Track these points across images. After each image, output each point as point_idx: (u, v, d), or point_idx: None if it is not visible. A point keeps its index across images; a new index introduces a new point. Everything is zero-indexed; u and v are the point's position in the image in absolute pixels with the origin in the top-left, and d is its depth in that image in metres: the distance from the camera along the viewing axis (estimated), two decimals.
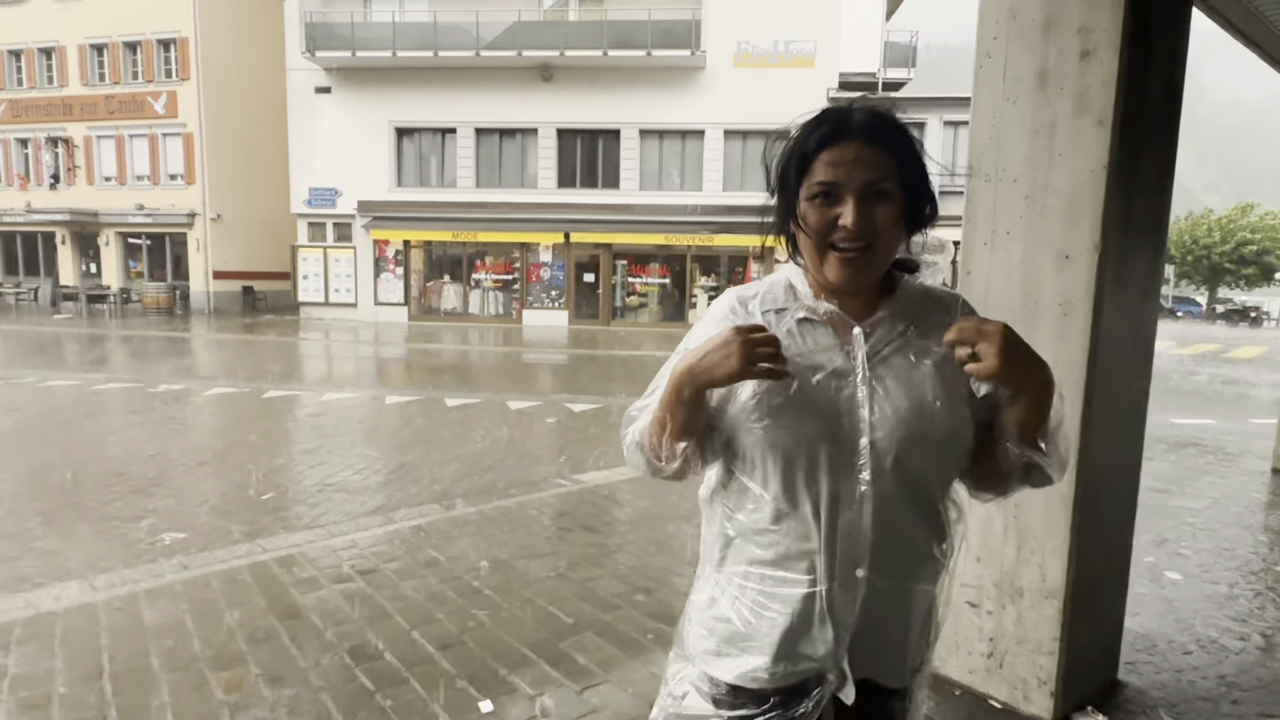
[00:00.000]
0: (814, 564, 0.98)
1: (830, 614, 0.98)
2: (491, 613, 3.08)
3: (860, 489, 0.95)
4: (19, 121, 23.93)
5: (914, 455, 0.96)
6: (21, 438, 6.44)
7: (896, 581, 0.99)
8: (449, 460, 5.83)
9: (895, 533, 0.97)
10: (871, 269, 0.97)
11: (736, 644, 1.04)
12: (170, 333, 16.62)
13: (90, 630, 2.89)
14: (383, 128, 20.59)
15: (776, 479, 0.98)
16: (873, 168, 0.93)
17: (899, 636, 1.03)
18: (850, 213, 0.93)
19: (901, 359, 0.99)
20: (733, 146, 19.85)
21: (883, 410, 0.96)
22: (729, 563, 1.06)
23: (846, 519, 0.96)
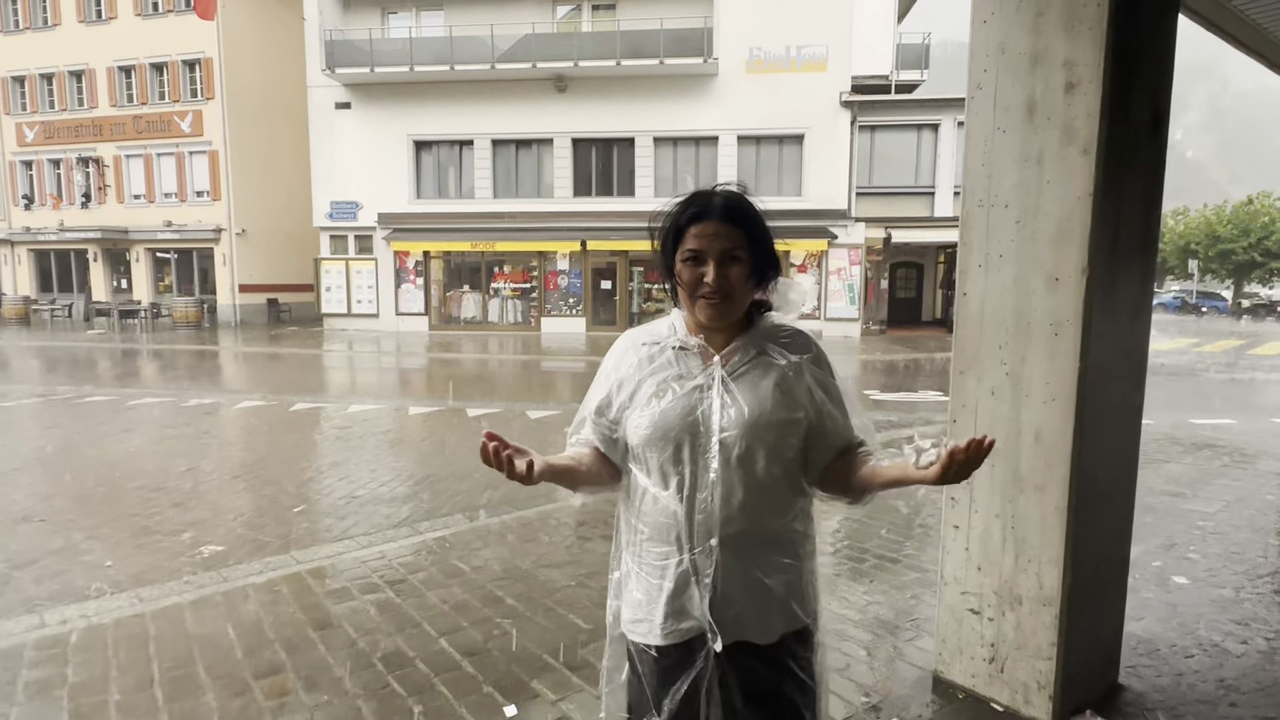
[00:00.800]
0: (680, 537, 1.27)
1: (695, 576, 1.26)
2: (515, 621, 3.23)
3: (711, 475, 1.25)
4: (51, 143, 24.67)
5: (753, 448, 1.25)
6: (63, 453, 6.72)
7: (745, 551, 1.27)
8: (471, 471, 6.00)
9: (741, 510, 1.25)
10: (730, 312, 1.29)
11: (641, 610, 1.33)
12: (199, 346, 17.05)
13: (139, 640, 3.08)
14: (401, 141, 20.95)
15: (655, 467, 1.29)
16: (728, 239, 1.26)
17: (758, 598, 1.28)
18: (711, 273, 1.25)
19: (751, 376, 1.29)
20: (746, 152, 19.95)
21: (729, 415, 1.25)
22: (628, 543, 1.37)
23: (701, 499, 1.25)
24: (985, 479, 2.55)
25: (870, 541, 4.25)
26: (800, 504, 1.35)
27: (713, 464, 1.25)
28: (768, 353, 1.31)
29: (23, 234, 25.14)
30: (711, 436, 1.25)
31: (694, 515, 1.26)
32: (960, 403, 2.62)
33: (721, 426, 1.25)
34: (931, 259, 23.53)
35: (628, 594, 1.37)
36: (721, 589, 1.26)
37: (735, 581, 1.27)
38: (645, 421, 1.28)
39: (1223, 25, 3.34)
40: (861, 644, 3.01)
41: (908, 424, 8.01)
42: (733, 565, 1.26)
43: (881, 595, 3.50)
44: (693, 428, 1.26)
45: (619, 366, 1.37)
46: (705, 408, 1.27)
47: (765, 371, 1.29)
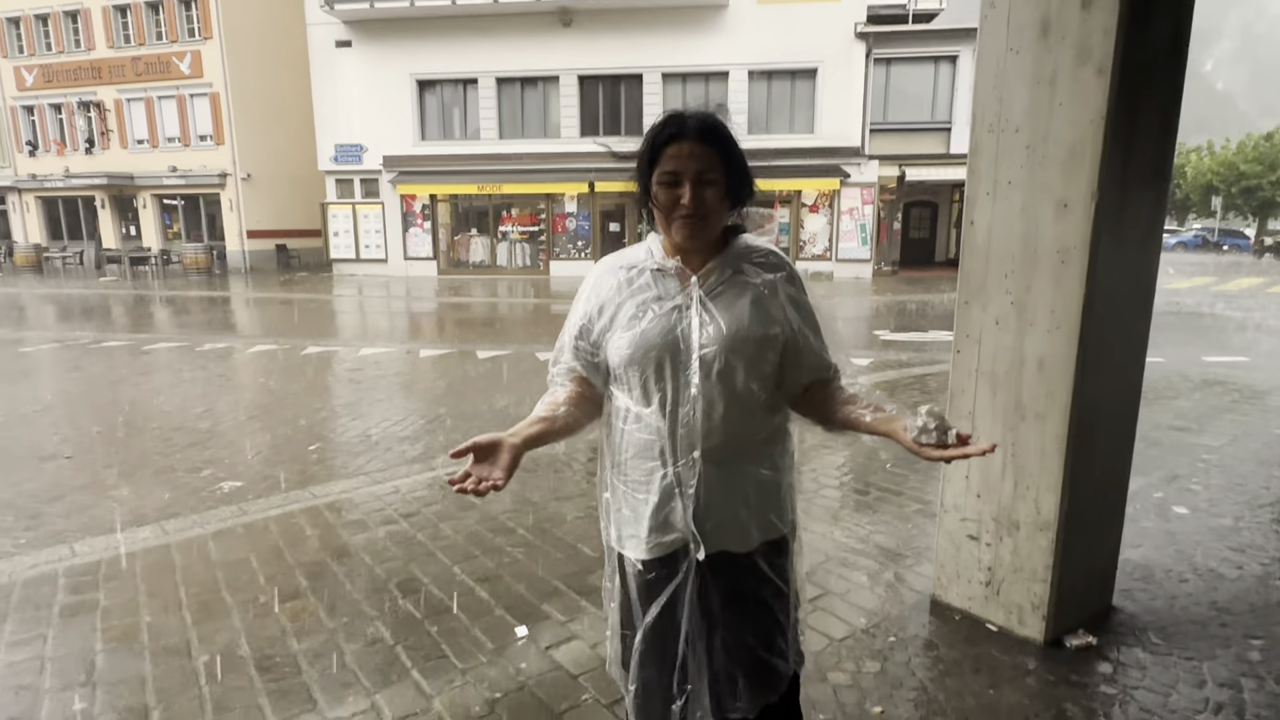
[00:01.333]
0: (664, 451, 1.32)
1: (679, 489, 1.31)
2: (526, 550, 3.34)
3: (692, 391, 1.29)
4: (51, 87, 24.33)
5: (731, 363, 1.28)
6: (84, 396, 6.86)
7: (726, 463, 1.32)
8: (482, 410, 6.09)
9: (722, 423, 1.29)
10: (705, 232, 1.31)
11: (629, 527, 1.39)
12: (210, 292, 17.14)
13: (166, 567, 3.21)
14: (404, 81, 20.50)
15: (637, 386, 1.33)
16: (703, 161, 1.27)
17: (738, 507, 1.34)
18: (687, 194, 1.27)
19: (728, 295, 1.32)
20: (757, 88, 19.40)
21: (708, 332, 1.29)
22: (614, 464, 1.42)
23: (683, 414, 1.30)
24: (987, 408, 2.57)
25: (875, 475, 4.32)
26: (778, 418, 1.39)
27: (693, 380, 1.29)
28: (743, 272, 1.34)
29: (29, 181, 25.08)
30: (691, 353, 1.29)
31: (676, 430, 1.30)
32: (965, 333, 2.62)
33: (701, 343, 1.29)
34: (946, 198, 23.07)
35: (615, 513, 1.43)
36: (704, 500, 1.32)
37: (716, 493, 1.32)
38: (626, 342, 1.32)
39: None
40: (863, 570, 3.09)
41: (916, 364, 8.01)
42: (714, 477, 1.31)
43: (884, 525, 3.57)
44: (673, 346, 1.29)
45: (598, 290, 1.39)
46: (684, 326, 1.30)
47: (741, 290, 1.32)
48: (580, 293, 1.44)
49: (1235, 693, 2.24)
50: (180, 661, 2.49)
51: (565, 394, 1.43)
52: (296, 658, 2.50)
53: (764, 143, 19.06)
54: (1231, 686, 2.28)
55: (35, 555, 3.37)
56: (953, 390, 2.69)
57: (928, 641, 2.56)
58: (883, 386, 6.75)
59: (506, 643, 2.58)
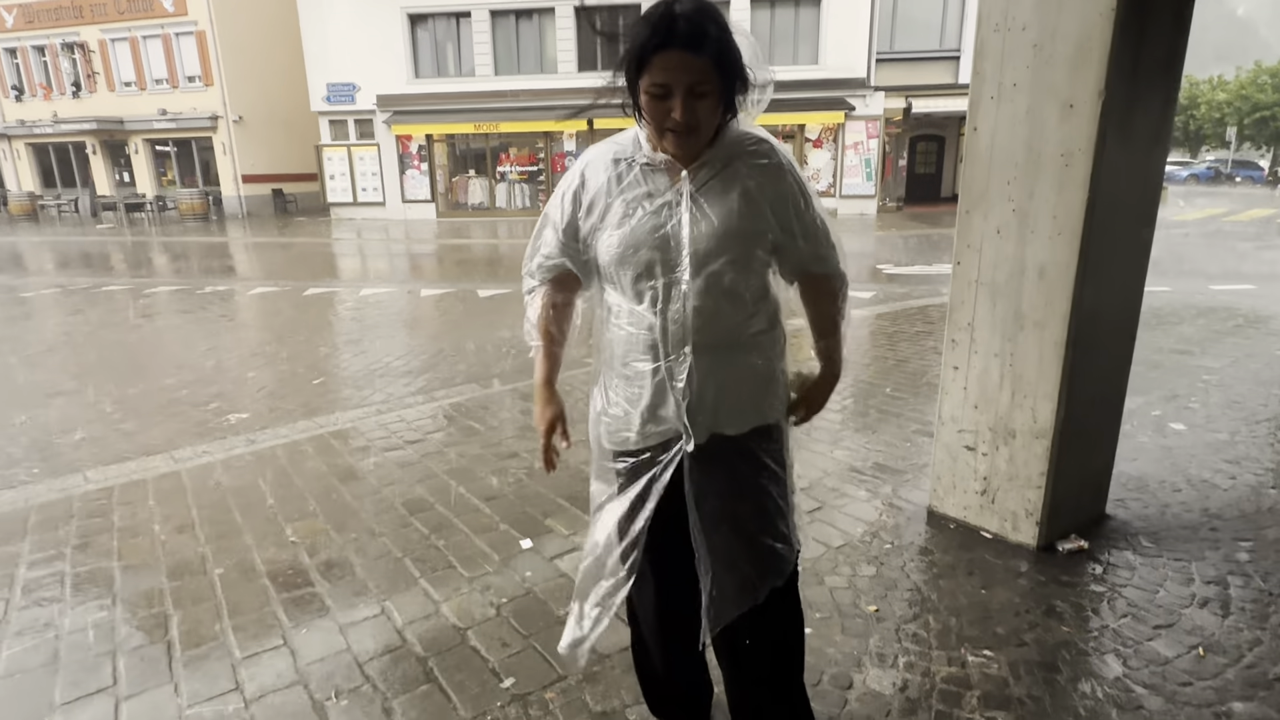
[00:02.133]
0: (655, 345, 1.34)
1: (670, 381, 1.34)
2: (528, 471, 3.39)
3: (682, 287, 1.29)
4: (32, 28, 23.65)
5: (721, 260, 1.29)
6: (87, 337, 6.89)
7: (718, 355, 1.34)
8: (484, 346, 6.10)
9: (710, 316, 1.31)
10: (697, 143, 1.27)
11: (620, 422, 1.42)
12: (208, 238, 17.01)
13: (177, 492, 3.28)
14: (395, 15, 19.85)
15: (628, 284, 1.34)
16: (694, 71, 1.18)
17: (730, 396, 1.37)
18: (678, 108, 1.20)
19: (718, 189, 1.30)
20: (760, 15, 18.74)
21: (698, 228, 1.28)
22: (606, 362, 1.45)
23: (674, 309, 1.31)
24: (986, 318, 2.56)
25: (875, 399, 4.34)
26: (768, 308, 1.40)
27: (684, 276, 1.29)
28: (734, 164, 1.31)
29: (18, 127, 24.63)
30: (682, 250, 1.28)
31: (668, 326, 1.31)
32: (965, 243, 2.60)
33: (691, 240, 1.28)
34: (954, 131, 22.51)
35: (608, 411, 1.45)
36: (696, 391, 1.34)
37: (709, 384, 1.34)
38: (616, 241, 1.32)
39: None
40: (862, 486, 3.14)
41: (919, 296, 7.97)
42: (706, 369, 1.33)
43: (884, 445, 3.61)
44: (663, 243, 1.29)
45: (587, 187, 1.36)
46: (675, 223, 1.29)
47: (731, 183, 1.30)
48: (564, 186, 1.41)
49: (1222, 589, 2.30)
50: (196, 575, 2.56)
51: (548, 310, 1.50)
52: (308, 571, 2.57)
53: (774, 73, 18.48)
54: (1218, 584, 2.33)
55: (50, 483, 3.44)
56: (951, 303, 2.68)
57: (923, 548, 2.62)
58: (884, 318, 6.73)
59: (511, 554, 2.65)
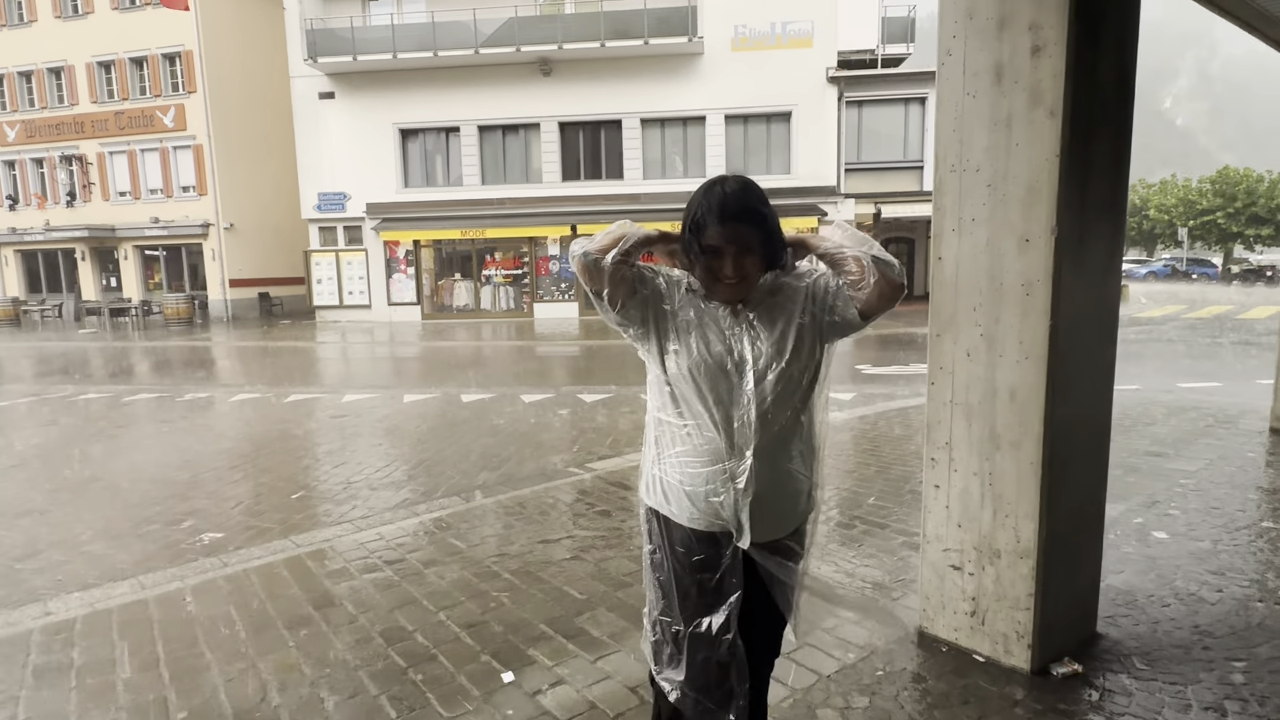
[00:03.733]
0: (719, 450, 1.52)
1: (731, 483, 1.52)
2: (511, 594, 3.30)
3: (745, 399, 1.50)
4: (33, 142, 24.44)
5: (779, 374, 1.51)
6: (61, 449, 6.75)
7: (772, 460, 1.54)
8: (467, 455, 6.06)
9: (770, 425, 1.51)
10: (745, 292, 1.56)
11: (677, 497, 1.58)
12: (192, 342, 17.02)
13: (144, 624, 3.14)
14: (387, 130, 20.82)
15: (694, 395, 1.53)
16: (742, 237, 1.50)
17: (781, 503, 1.58)
18: (729, 267, 1.51)
19: (771, 311, 1.56)
20: (734, 131, 19.89)
21: (758, 347, 1.53)
22: (666, 456, 1.60)
23: (738, 417, 1.51)
24: (964, 438, 2.62)
25: (859, 509, 4.33)
26: (810, 416, 1.62)
27: (747, 389, 1.50)
28: (779, 293, 1.57)
29: (9, 235, 24.99)
30: (745, 366, 1.51)
31: (732, 433, 1.51)
32: (938, 365, 2.68)
33: (754, 357, 1.51)
34: (922, 233, 23.53)
35: (663, 482, 1.61)
36: (756, 493, 1.52)
37: (765, 487, 1.53)
38: (684, 353, 1.54)
39: None
40: (850, 605, 3.09)
41: (897, 397, 8.09)
42: (763, 473, 1.52)
43: (870, 559, 3.58)
44: (724, 360, 1.52)
45: (669, 281, 1.62)
46: (737, 343, 1.53)
47: (778, 308, 1.56)
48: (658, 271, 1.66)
49: (1220, 716, 2.26)
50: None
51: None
52: (278, 712, 2.45)
53: None
54: (1216, 710, 2.29)
55: (7, 615, 3.29)
56: (929, 421, 2.74)
57: (915, 674, 2.55)
58: (865, 421, 6.81)
59: (492, 689, 2.54)
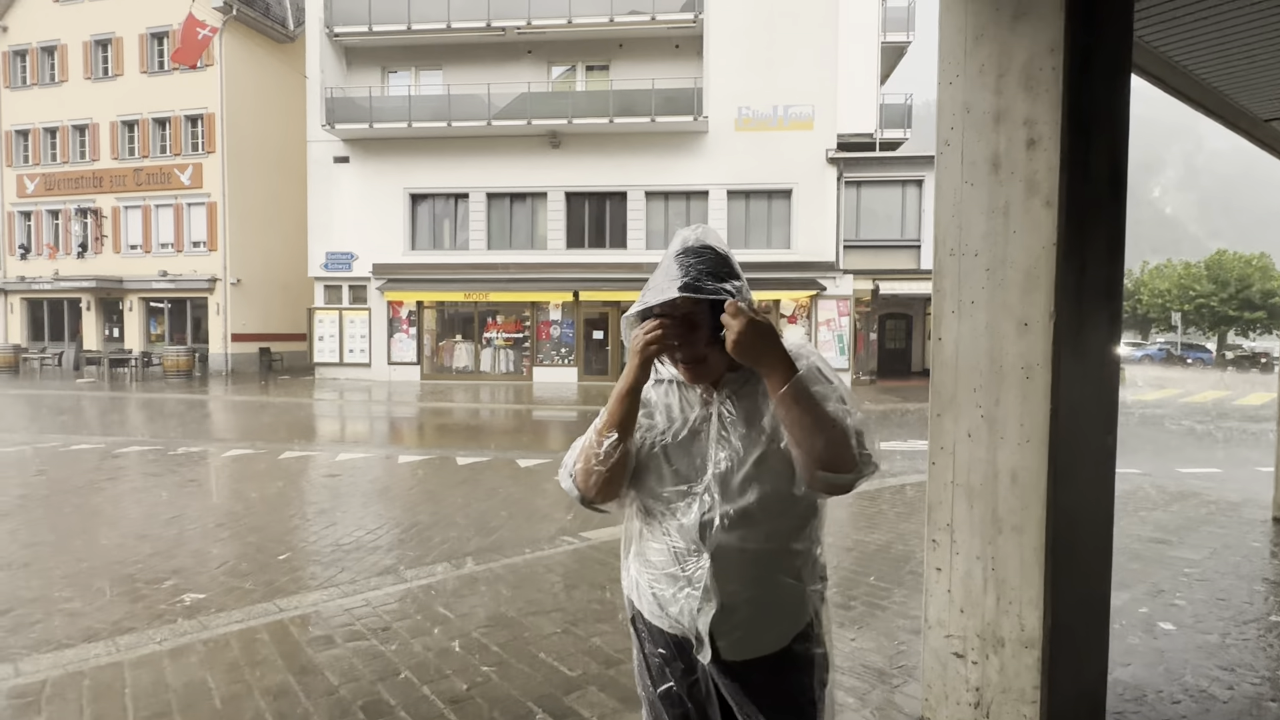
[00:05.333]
0: (677, 553, 1.38)
1: (690, 588, 1.36)
2: (499, 668, 3.19)
3: (707, 500, 1.34)
4: (51, 194, 24.97)
5: (748, 476, 1.33)
6: (46, 501, 6.64)
7: (747, 567, 1.35)
8: (459, 519, 5.96)
9: (736, 532, 1.33)
10: (707, 373, 1.38)
11: (645, 597, 1.46)
12: (189, 395, 16.97)
13: (115, 688, 3.03)
14: (398, 194, 21.34)
15: (656, 489, 1.40)
16: (685, 306, 1.33)
17: (760, 617, 1.37)
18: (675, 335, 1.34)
19: (745, 407, 1.37)
20: (736, 206, 20.40)
21: (723, 451, 1.36)
22: (636, 552, 1.49)
23: (696, 519, 1.35)
24: (965, 520, 2.59)
25: (858, 589, 4.24)
26: (799, 525, 1.39)
27: (711, 493, 1.35)
28: (756, 382, 1.36)
29: (17, 283, 25.22)
30: (708, 465, 1.36)
31: (689, 535, 1.36)
32: (939, 445, 2.68)
33: (716, 459, 1.35)
34: (919, 310, 23.86)
35: (639, 576, 1.49)
36: (720, 603, 1.35)
37: (734, 600, 1.35)
38: (649, 432, 1.41)
39: (1178, 86, 3.54)
40: (850, 692, 2.99)
41: (898, 473, 8.03)
42: (728, 584, 1.35)
43: (870, 642, 3.48)
44: (691, 455, 1.38)
45: (647, 396, 1.46)
46: (703, 439, 1.38)
47: (758, 402, 1.36)
48: None
49: None
50: None
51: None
52: None
53: (742, 256, 19.75)
54: None
55: None
56: (930, 502, 2.71)
57: None
58: (864, 497, 6.73)
59: None
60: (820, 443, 1.23)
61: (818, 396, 1.26)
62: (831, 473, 1.25)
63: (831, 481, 1.27)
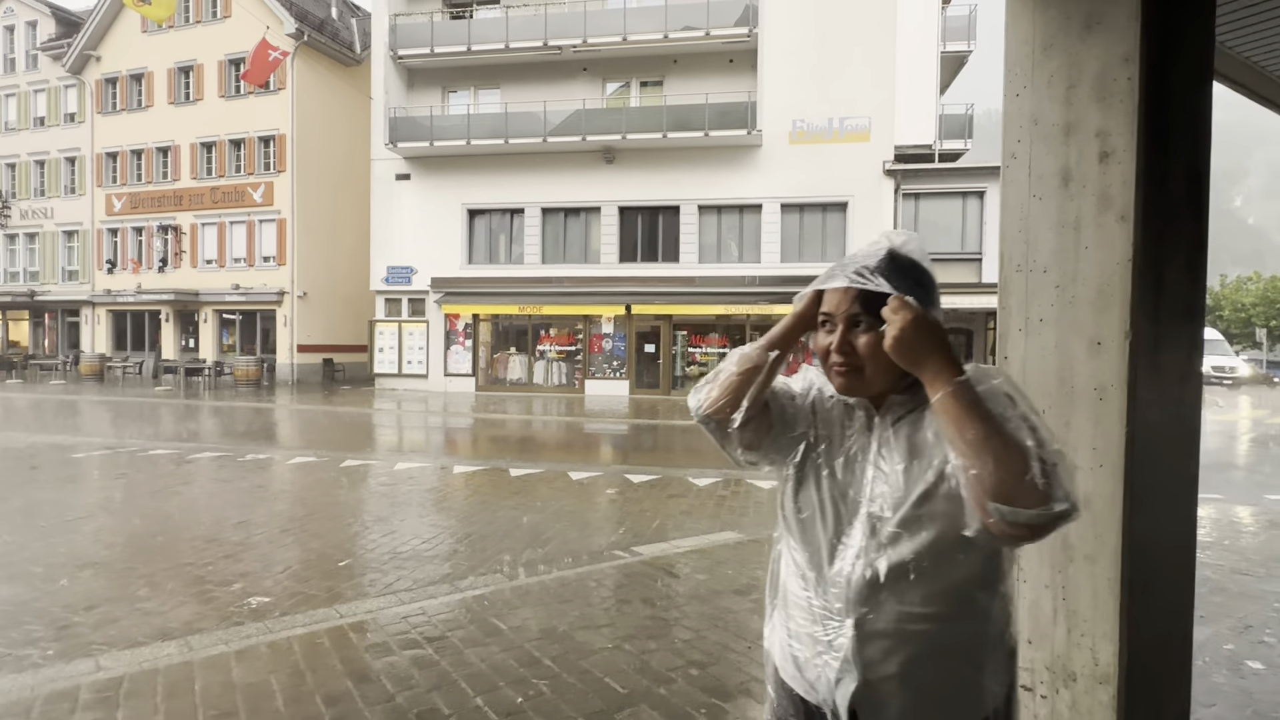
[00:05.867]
0: (814, 608, 1.17)
1: (828, 655, 1.14)
2: (550, 682, 3.21)
3: (853, 550, 1.12)
4: (136, 212, 26.52)
5: (906, 524, 1.09)
6: (128, 503, 7.00)
7: (907, 645, 1.10)
8: (512, 530, 6.03)
9: (889, 594, 1.10)
10: (862, 385, 1.16)
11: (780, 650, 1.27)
12: (257, 403, 17.69)
13: (185, 686, 3.15)
14: (456, 209, 21.90)
15: (796, 526, 1.22)
16: (855, 304, 1.13)
17: (910, 702, 1.12)
18: (836, 339, 1.16)
19: (909, 438, 1.13)
20: (790, 219, 20.23)
21: (879, 487, 1.12)
22: (779, 598, 1.29)
23: (840, 571, 1.13)
24: (1033, 548, 2.48)
25: None
26: (973, 589, 1.12)
27: (856, 537, 1.13)
28: (923, 406, 1.12)
29: (103, 296, 26.80)
30: (860, 501, 1.14)
31: (828, 589, 1.14)
32: None
33: (871, 495, 1.13)
34: (980, 325, 23.12)
35: (776, 627, 1.31)
36: (863, 678, 1.12)
37: (882, 678, 1.12)
38: (792, 473, 1.23)
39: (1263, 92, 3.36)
40: None
41: None
42: (876, 657, 1.11)
43: None
44: (840, 490, 1.17)
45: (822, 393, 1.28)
46: (858, 470, 1.16)
47: (926, 432, 1.12)
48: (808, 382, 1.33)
49: None
50: None
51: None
52: None
53: (796, 270, 19.63)
54: None
55: (60, 668, 3.35)
56: None
57: None
58: None
59: None
60: (989, 463, 0.98)
61: (994, 414, 1.02)
62: (1006, 505, 0.98)
63: (1010, 519, 0.98)
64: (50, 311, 28.57)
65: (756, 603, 4.27)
